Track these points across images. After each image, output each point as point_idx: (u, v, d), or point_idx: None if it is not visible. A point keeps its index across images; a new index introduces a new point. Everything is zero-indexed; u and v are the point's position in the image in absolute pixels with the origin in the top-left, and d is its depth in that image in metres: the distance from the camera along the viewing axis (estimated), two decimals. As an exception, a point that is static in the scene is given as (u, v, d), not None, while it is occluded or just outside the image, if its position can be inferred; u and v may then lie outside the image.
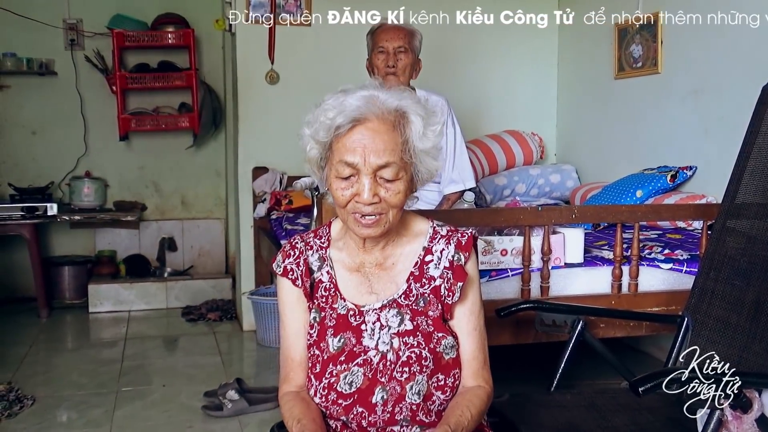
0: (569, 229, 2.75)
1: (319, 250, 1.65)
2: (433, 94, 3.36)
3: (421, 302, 1.60)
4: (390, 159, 1.49)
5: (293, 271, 1.63)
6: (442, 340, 1.58)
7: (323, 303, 1.62)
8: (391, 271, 1.62)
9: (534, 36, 4.90)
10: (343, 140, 1.50)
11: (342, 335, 1.59)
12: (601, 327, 2.63)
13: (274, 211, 4.26)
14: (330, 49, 4.58)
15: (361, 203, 1.51)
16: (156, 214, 5.77)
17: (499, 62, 4.94)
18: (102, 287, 5.19)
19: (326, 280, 1.63)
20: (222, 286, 5.37)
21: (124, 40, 5.27)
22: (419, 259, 1.62)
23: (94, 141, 5.56)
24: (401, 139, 1.51)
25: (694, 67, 3.73)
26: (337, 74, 4.41)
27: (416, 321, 1.58)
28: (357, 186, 1.50)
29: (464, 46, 4.81)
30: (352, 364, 1.56)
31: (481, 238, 2.62)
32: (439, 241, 1.63)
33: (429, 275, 1.61)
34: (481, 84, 4.91)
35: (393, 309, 1.59)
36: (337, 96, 1.53)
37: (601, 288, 2.76)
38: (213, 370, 3.86)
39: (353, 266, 1.63)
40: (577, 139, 4.84)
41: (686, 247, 2.98)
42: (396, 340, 1.56)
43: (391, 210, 1.53)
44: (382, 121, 1.50)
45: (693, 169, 3.69)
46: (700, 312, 2.26)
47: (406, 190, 1.53)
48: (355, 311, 1.60)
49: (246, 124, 4.57)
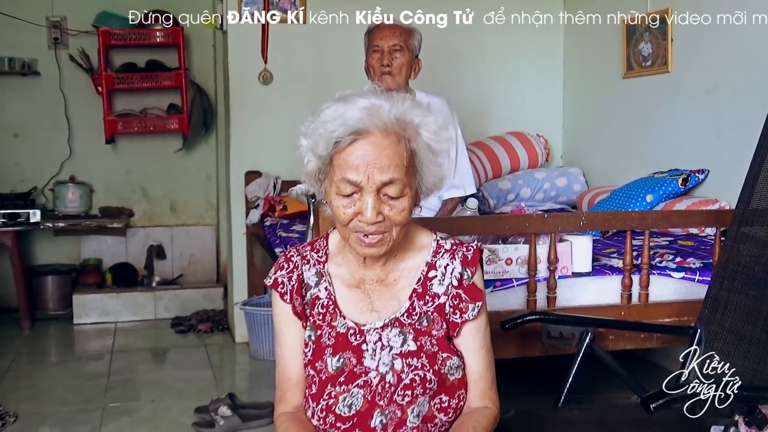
0: (577, 237, 2.76)
1: (316, 265, 1.65)
2: (434, 95, 3.37)
3: (425, 321, 1.60)
4: (395, 175, 1.47)
5: (284, 284, 1.62)
6: (447, 361, 1.58)
7: (320, 320, 1.61)
8: (392, 288, 1.62)
9: (539, 34, 4.92)
10: (345, 155, 1.48)
11: (341, 355, 1.58)
12: (610, 339, 2.63)
13: (268, 218, 4.26)
14: (326, 49, 4.59)
15: (364, 222, 1.49)
16: (144, 221, 5.77)
17: (502, 61, 4.95)
18: (87, 297, 5.19)
19: (324, 296, 1.62)
20: (213, 295, 5.37)
21: (110, 38, 5.28)
22: (422, 275, 1.62)
23: (78, 144, 5.56)
24: (406, 152, 1.49)
25: (707, 66, 3.74)
26: (333, 74, 4.44)
27: (420, 341, 1.58)
28: (359, 204, 1.49)
29: (466, 44, 4.82)
30: (352, 386, 1.56)
31: (485, 246, 2.62)
32: (443, 255, 1.63)
33: (433, 292, 1.61)
34: (484, 84, 4.92)
35: (395, 328, 1.59)
36: (337, 106, 1.50)
37: (611, 298, 2.76)
38: (204, 385, 3.86)
39: (353, 282, 1.62)
40: (585, 141, 4.85)
41: (699, 254, 2.99)
42: (398, 361, 1.56)
43: (395, 228, 1.52)
44: (386, 134, 1.48)
45: (705, 173, 3.70)
46: (714, 323, 2.27)
47: (410, 207, 1.52)
48: (356, 330, 1.59)
49: (238, 126, 4.58)
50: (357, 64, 3.46)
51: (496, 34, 4.83)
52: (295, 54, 4.58)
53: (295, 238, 3.68)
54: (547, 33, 4.95)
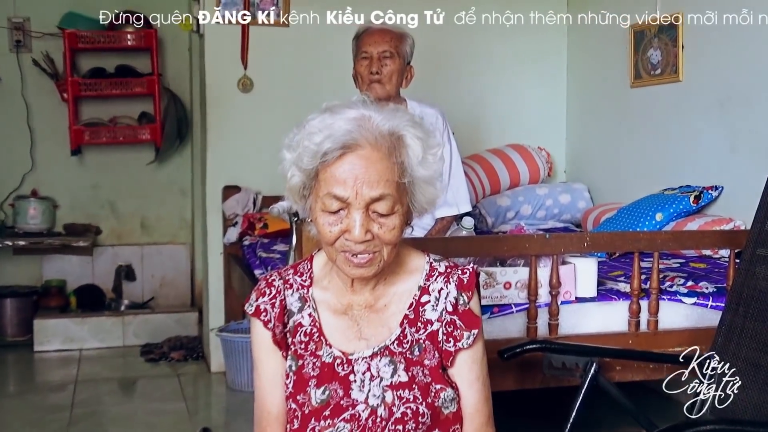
0: (581, 259, 2.77)
1: (299, 290, 1.65)
2: (427, 105, 3.39)
3: (417, 350, 1.60)
4: (385, 191, 1.48)
5: (267, 312, 1.62)
6: (441, 393, 1.58)
7: (301, 349, 1.61)
8: (382, 314, 1.62)
9: (541, 39, 4.96)
10: (332, 170, 1.49)
11: (327, 386, 1.58)
12: (617, 370, 2.64)
13: (247, 236, 4.26)
14: (312, 53, 4.61)
15: (351, 241, 1.49)
16: (112, 239, 5.76)
17: (501, 68, 4.98)
18: (49, 322, 5.17)
19: (308, 323, 1.62)
20: (187, 321, 5.36)
21: (77, 41, 5.28)
22: (414, 300, 1.62)
23: (41, 156, 5.55)
24: (397, 166, 1.50)
25: (720, 75, 3.77)
26: (319, 81, 4.46)
27: (411, 371, 1.58)
28: (347, 221, 1.49)
29: (461, 50, 4.85)
30: (338, 420, 1.55)
31: (482, 269, 2.63)
32: (437, 279, 1.63)
33: (425, 318, 1.61)
34: (481, 92, 4.94)
35: (385, 357, 1.59)
36: (323, 117, 1.51)
37: (617, 325, 2.77)
38: (177, 419, 3.84)
39: (340, 308, 1.62)
40: (590, 155, 4.88)
41: (712, 278, 3.01)
42: (389, 394, 1.56)
43: (385, 247, 1.52)
44: (376, 148, 1.49)
45: (719, 190, 3.72)
46: (728, 353, 2.28)
47: (401, 225, 1.53)
48: (343, 359, 1.59)
49: (215, 137, 4.59)
50: (345, 71, 3.47)
51: (494, 38, 4.86)
52: (277, 59, 4.60)
53: (276, 258, 3.68)
54: (550, 38, 4.98)
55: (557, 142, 5.07)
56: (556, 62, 5.06)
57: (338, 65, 3.84)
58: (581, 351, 2.36)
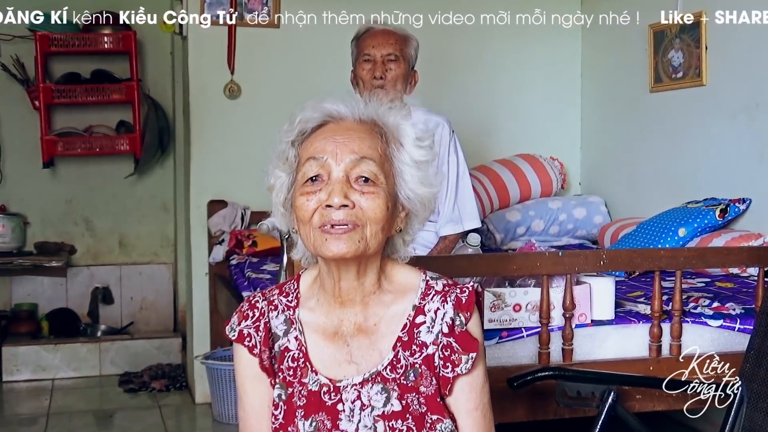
0: (597, 279, 2.77)
1: (285, 311, 1.65)
2: (433, 113, 3.40)
3: (411, 375, 1.59)
4: (367, 153, 1.53)
5: (251, 336, 1.63)
6: (438, 424, 1.57)
7: (290, 376, 1.61)
8: (373, 335, 1.61)
9: (553, 41, 4.97)
10: (312, 138, 1.57)
11: (314, 417, 1.58)
12: (637, 399, 2.65)
13: (235, 255, 4.27)
14: (303, 56, 4.62)
15: (331, 207, 1.51)
16: (87, 259, 5.76)
17: (510, 72, 4.99)
18: (19, 350, 5.17)
19: (294, 347, 1.63)
20: (169, 347, 5.36)
21: (49, 44, 5.29)
22: (408, 321, 1.61)
23: (10, 168, 5.57)
24: (382, 143, 1.56)
25: (747, 78, 3.79)
26: (312, 87, 4.45)
27: (405, 400, 1.57)
28: (326, 190, 1.52)
29: (468, 53, 4.87)
30: (326, 454, 1.55)
31: (489, 290, 2.64)
32: (433, 298, 1.62)
33: (420, 341, 1.60)
34: (490, 99, 4.95)
35: (377, 384, 1.58)
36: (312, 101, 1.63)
37: (637, 351, 2.77)
38: (158, 454, 3.85)
39: (329, 330, 1.62)
40: (606, 166, 4.89)
41: (739, 299, 3.01)
42: (380, 425, 1.56)
43: (370, 225, 1.53)
44: (360, 122, 1.57)
45: (747, 203, 3.73)
46: (757, 379, 2.29)
47: (386, 204, 1.54)
48: (330, 387, 1.59)
49: (199, 148, 4.60)
50: (341, 75, 3.49)
51: (502, 40, 4.88)
52: (267, 63, 4.62)
53: (266, 279, 3.69)
54: (563, 40, 5.00)
55: (571, 152, 5.08)
56: (569, 65, 5.07)
57: (333, 69, 3.86)
58: (598, 378, 2.36)
